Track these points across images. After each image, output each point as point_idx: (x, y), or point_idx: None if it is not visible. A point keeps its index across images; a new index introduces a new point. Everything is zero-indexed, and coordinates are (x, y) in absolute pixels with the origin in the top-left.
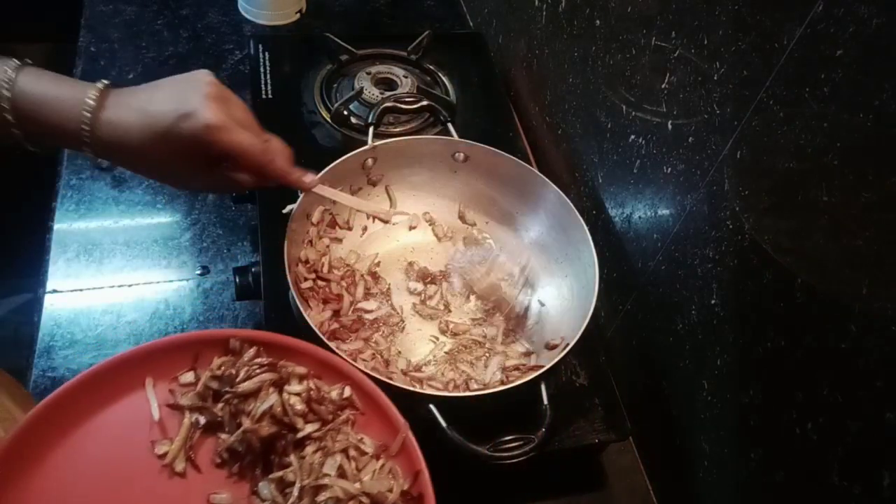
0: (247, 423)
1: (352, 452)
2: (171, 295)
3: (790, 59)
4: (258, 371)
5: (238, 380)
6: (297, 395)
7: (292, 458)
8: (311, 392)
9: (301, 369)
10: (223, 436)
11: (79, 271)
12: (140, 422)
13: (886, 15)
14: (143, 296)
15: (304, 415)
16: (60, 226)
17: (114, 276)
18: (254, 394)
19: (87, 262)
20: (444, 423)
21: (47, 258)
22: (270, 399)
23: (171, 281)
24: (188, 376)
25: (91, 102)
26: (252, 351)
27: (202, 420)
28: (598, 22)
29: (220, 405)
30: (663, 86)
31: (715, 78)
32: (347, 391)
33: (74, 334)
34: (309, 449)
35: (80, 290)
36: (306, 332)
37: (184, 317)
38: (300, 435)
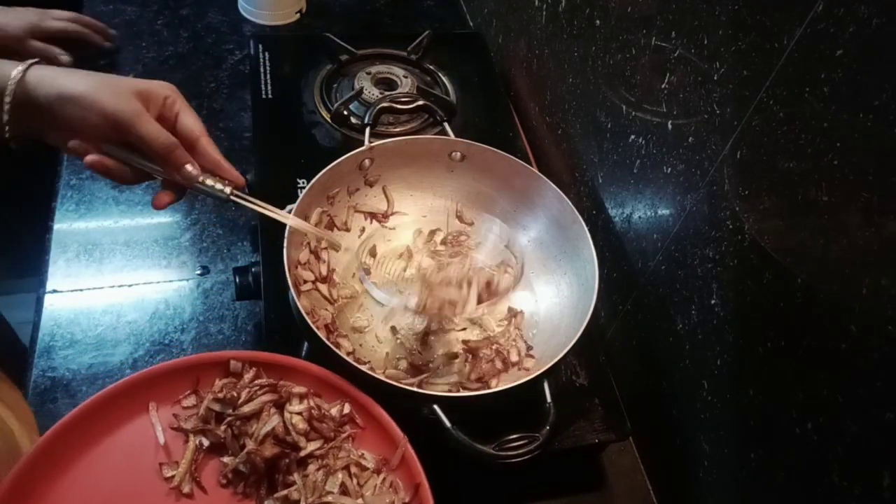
0: (250, 444)
1: (353, 469)
2: (171, 295)
3: (790, 59)
4: (259, 392)
5: (240, 402)
6: (299, 414)
7: (296, 476)
8: (312, 410)
9: (301, 388)
10: (227, 459)
11: (79, 271)
12: (146, 446)
13: (886, 15)
14: (143, 296)
15: (307, 433)
16: (60, 226)
17: (114, 276)
18: (256, 415)
19: (87, 262)
20: (448, 424)
21: (47, 258)
22: (273, 420)
23: (171, 281)
24: (190, 399)
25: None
26: (252, 372)
27: (206, 442)
28: (598, 22)
29: (223, 427)
30: (663, 86)
31: (715, 78)
32: (347, 408)
33: (74, 334)
34: (311, 467)
35: (80, 290)
36: (306, 333)
37: (184, 317)
38: (303, 453)
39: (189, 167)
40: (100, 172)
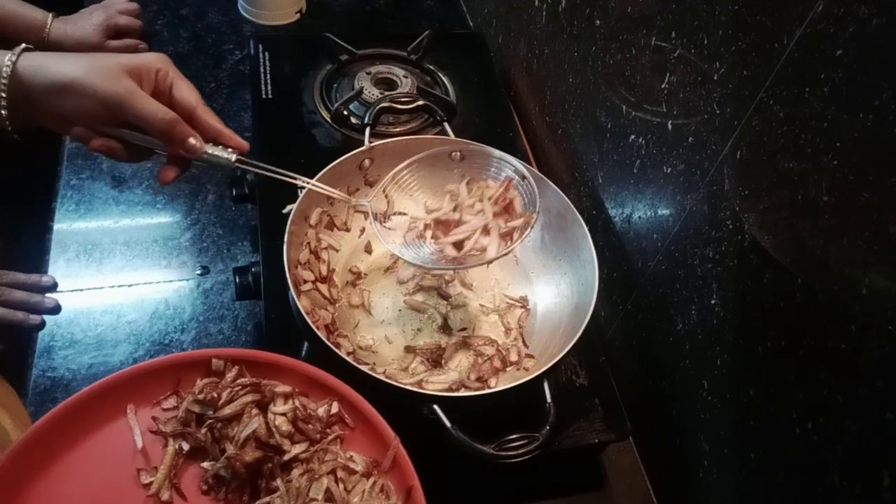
0: (230, 448)
1: (340, 473)
2: (171, 295)
3: (790, 59)
4: (241, 392)
5: (221, 403)
6: (283, 415)
7: (279, 482)
8: (297, 411)
9: (285, 388)
10: (207, 464)
11: (79, 271)
12: (124, 450)
13: (886, 15)
14: (143, 296)
15: (291, 435)
16: (60, 226)
17: (114, 276)
18: (237, 417)
19: (87, 262)
20: (448, 424)
21: (47, 258)
22: (253, 423)
23: (171, 281)
24: (171, 401)
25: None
26: (235, 371)
27: (186, 446)
28: (598, 22)
29: (203, 430)
30: (663, 86)
31: (715, 78)
32: (335, 407)
33: (74, 334)
34: (296, 472)
35: (80, 290)
36: (306, 333)
37: (184, 317)
38: (287, 457)
39: (192, 140)
40: (106, 155)
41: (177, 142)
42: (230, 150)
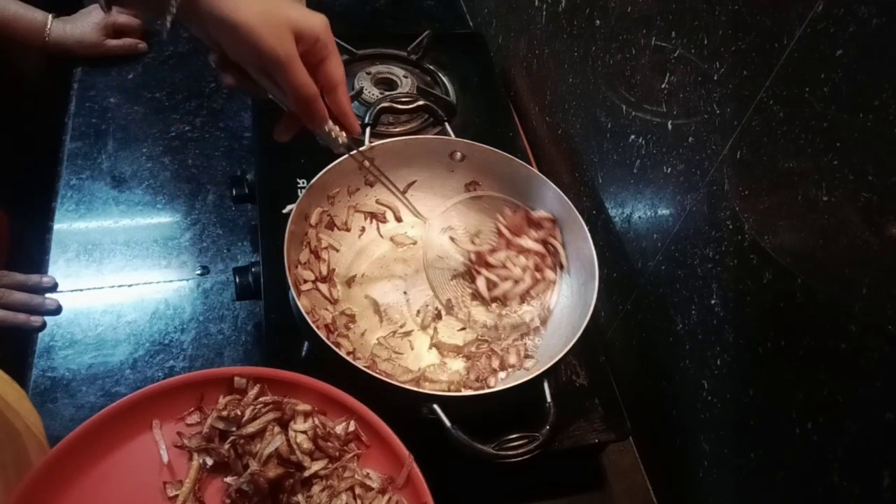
0: (253, 465)
1: (357, 490)
2: (171, 295)
3: (790, 59)
4: (263, 410)
5: (244, 420)
6: (304, 432)
7: (300, 497)
8: (317, 429)
9: (306, 406)
10: (230, 479)
11: (79, 271)
12: (150, 464)
13: (886, 15)
14: (143, 296)
15: (311, 453)
16: (60, 226)
17: (114, 276)
18: (260, 434)
19: (87, 262)
20: (448, 423)
21: (47, 258)
22: (276, 441)
23: (171, 281)
24: (195, 417)
25: None
26: (256, 389)
27: (210, 461)
28: (598, 22)
29: (226, 446)
30: (663, 86)
31: (715, 78)
32: (353, 425)
33: (74, 334)
34: (316, 488)
35: (80, 290)
36: (306, 333)
37: (184, 317)
38: (307, 473)
39: (321, 122)
40: (235, 89)
41: (307, 117)
42: (347, 135)
